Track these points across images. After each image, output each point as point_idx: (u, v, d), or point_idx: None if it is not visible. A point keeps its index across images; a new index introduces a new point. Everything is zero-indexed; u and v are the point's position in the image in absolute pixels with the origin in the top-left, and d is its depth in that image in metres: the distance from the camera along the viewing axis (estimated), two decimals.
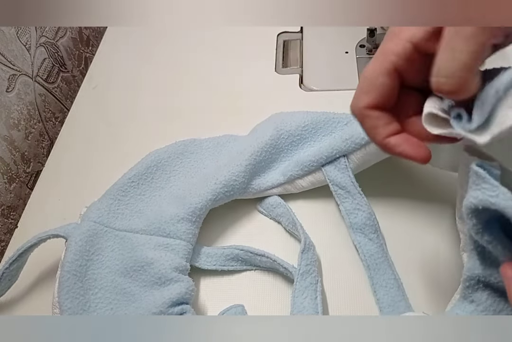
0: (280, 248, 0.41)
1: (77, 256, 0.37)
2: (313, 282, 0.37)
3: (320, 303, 0.36)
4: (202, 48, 0.62)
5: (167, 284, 0.37)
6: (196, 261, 0.40)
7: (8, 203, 0.54)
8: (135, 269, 0.38)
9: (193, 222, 0.41)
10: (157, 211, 0.41)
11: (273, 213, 0.43)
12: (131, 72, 0.60)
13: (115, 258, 0.38)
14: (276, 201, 0.43)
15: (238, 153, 0.44)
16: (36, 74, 0.60)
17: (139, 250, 0.38)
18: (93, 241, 0.38)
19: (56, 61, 0.65)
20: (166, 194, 0.43)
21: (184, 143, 0.46)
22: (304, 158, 0.43)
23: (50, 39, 0.63)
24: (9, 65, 0.54)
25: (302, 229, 0.40)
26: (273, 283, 0.40)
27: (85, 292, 0.36)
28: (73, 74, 0.70)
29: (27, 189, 0.58)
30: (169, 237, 0.40)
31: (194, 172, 0.45)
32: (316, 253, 0.40)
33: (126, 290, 0.37)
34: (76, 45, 0.70)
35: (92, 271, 0.37)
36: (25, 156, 0.57)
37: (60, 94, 0.66)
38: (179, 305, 0.36)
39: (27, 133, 0.58)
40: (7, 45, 0.54)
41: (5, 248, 0.46)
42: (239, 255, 0.40)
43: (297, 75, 0.56)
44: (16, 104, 0.56)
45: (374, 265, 0.39)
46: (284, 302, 0.38)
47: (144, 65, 0.61)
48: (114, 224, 0.40)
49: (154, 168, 0.44)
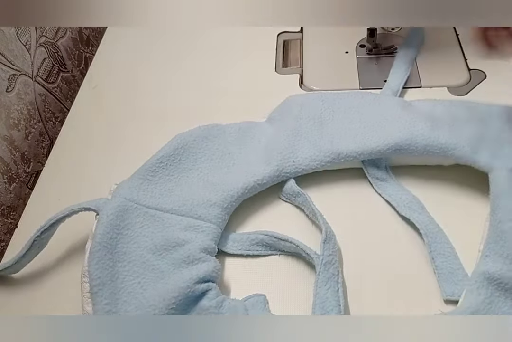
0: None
1: (108, 229, 0.38)
2: (335, 273, 0.38)
3: (342, 295, 0.36)
4: (202, 48, 0.62)
5: (195, 263, 0.38)
6: (223, 246, 0.42)
7: (8, 203, 0.54)
8: (165, 248, 0.39)
9: (224, 207, 0.42)
10: (187, 192, 0.43)
11: (295, 201, 0.44)
12: (131, 72, 0.60)
13: (144, 234, 0.40)
14: (295, 191, 0.44)
15: (265, 146, 0.46)
16: (36, 74, 0.60)
17: (170, 230, 0.40)
18: (123, 216, 0.40)
19: (56, 61, 0.65)
20: (194, 176, 0.44)
21: (207, 127, 0.47)
22: (346, 151, 0.44)
23: (50, 39, 0.63)
24: (9, 65, 0.54)
25: (322, 218, 0.41)
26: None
27: (114, 263, 0.37)
28: (73, 74, 0.70)
29: (27, 189, 0.58)
30: (200, 219, 0.41)
31: (219, 156, 0.46)
32: (337, 242, 0.40)
33: (155, 266, 0.38)
34: (76, 45, 0.70)
35: (121, 245, 0.39)
36: (25, 156, 0.57)
37: (60, 94, 0.66)
38: (205, 282, 0.37)
39: (27, 133, 0.58)
40: (7, 45, 0.54)
41: (5, 248, 0.45)
42: (263, 240, 0.41)
43: (297, 75, 0.56)
44: (16, 104, 0.56)
45: (431, 234, 0.40)
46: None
47: (144, 65, 0.61)
48: (144, 201, 0.41)
49: (181, 150, 0.45)
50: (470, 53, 0.54)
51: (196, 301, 0.36)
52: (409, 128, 0.44)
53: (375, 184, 0.45)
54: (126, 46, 0.64)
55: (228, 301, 0.36)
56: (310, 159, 0.44)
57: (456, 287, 0.37)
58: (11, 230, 0.54)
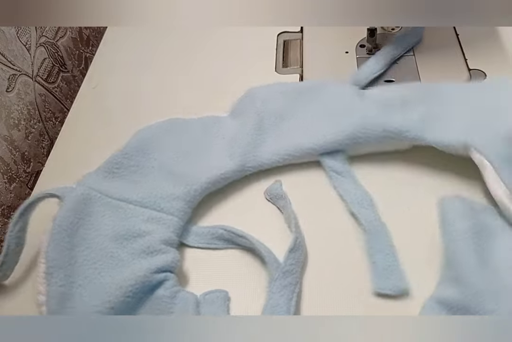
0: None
1: (69, 213, 0.39)
2: (293, 282, 0.37)
3: (294, 304, 0.36)
4: (202, 48, 0.62)
5: (155, 254, 0.39)
6: (184, 238, 0.43)
7: (8, 203, 0.54)
8: (126, 237, 0.39)
9: (188, 201, 0.43)
10: (152, 185, 0.43)
11: (276, 202, 0.45)
12: (131, 72, 0.60)
13: (105, 223, 0.40)
14: (279, 193, 0.44)
15: (229, 141, 0.46)
16: (36, 74, 0.60)
17: (132, 221, 0.40)
18: (86, 203, 0.40)
19: (56, 61, 0.65)
20: (159, 167, 0.44)
21: (170, 121, 0.48)
22: (305, 144, 0.45)
23: (50, 39, 0.64)
24: (9, 65, 0.55)
25: (296, 226, 0.41)
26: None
27: (72, 247, 0.38)
28: (73, 74, 0.70)
29: (27, 189, 0.58)
30: (162, 212, 0.42)
31: (184, 149, 0.46)
32: (305, 252, 0.41)
33: (114, 254, 0.38)
34: (76, 45, 0.70)
35: (82, 231, 0.39)
36: (25, 156, 0.57)
37: (60, 94, 0.66)
38: (163, 272, 0.37)
39: (27, 133, 0.58)
40: (7, 45, 0.54)
41: None
42: (223, 235, 0.42)
43: (297, 75, 0.56)
44: (16, 104, 0.56)
45: (373, 230, 0.41)
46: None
47: (144, 65, 0.61)
48: (108, 191, 0.42)
49: (145, 142, 0.46)
50: (470, 53, 0.54)
51: (153, 290, 0.37)
52: (364, 116, 0.45)
53: (332, 177, 0.45)
54: (126, 46, 0.64)
55: (183, 293, 0.37)
56: (271, 154, 0.45)
57: (388, 282, 0.38)
58: None
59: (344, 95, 0.48)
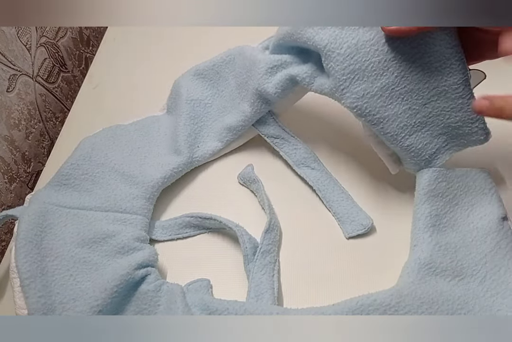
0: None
1: (31, 226, 0.38)
2: (271, 261, 0.40)
3: (277, 280, 0.39)
4: (202, 48, 0.62)
5: (131, 253, 0.39)
6: (152, 234, 0.43)
7: (9, 203, 0.54)
8: (95, 240, 0.39)
9: (147, 198, 0.43)
10: (107, 189, 0.43)
11: (250, 186, 0.46)
12: (131, 72, 0.60)
13: (69, 231, 0.40)
14: (251, 177, 0.45)
15: (171, 137, 0.47)
16: (37, 74, 0.60)
17: (97, 224, 0.40)
18: (44, 217, 0.40)
19: (56, 61, 0.65)
20: (109, 171, 0.44)
21: (111, 128, 0.48)
22: (235, 123, 0.46)
23: (50, 39, 0.64)
24: (10, 65, 0.55)
25: (270, 208, 0.43)
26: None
27: (42, 258, 0.37)
28: (73, 74, 0.70)
29: (28, 189, 0.58)
30: (125, 213, 0.42)
31: (130, 151, 0.47)
32: (280, 232, 0.43)
33: (86, 259, 0.38)
34: (76, 45, 0.70)
35: (47, 242, 0.38)
36: (25, 156, 0.57)
37: (61, 94, 0.66)
38: (144, 268, 0.38)
39: (28, 133, 0.58)
40: (7, 45, 0.54)
41: (5, 248, 0.46)
42: (190, 222, 0.43)
43: None
44: (17, 104, 0.56)
45: (322, 187, 0.44)
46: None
47: (144, 65, 0.61)
48: (64, 203, 0.42)
49: (89, 149, 0.45)
50: None
51: (136, 287, 0.37)
52: (268, 77, 0.43)
53: (272, 142, 0.46)
54: (126, 46, 0.64)
55: (167, 285, 0.37)
56: (212, 141, 0.47)
57: (354, 224, 0.42)
58: (11, 230, 0.54)
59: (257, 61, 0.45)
